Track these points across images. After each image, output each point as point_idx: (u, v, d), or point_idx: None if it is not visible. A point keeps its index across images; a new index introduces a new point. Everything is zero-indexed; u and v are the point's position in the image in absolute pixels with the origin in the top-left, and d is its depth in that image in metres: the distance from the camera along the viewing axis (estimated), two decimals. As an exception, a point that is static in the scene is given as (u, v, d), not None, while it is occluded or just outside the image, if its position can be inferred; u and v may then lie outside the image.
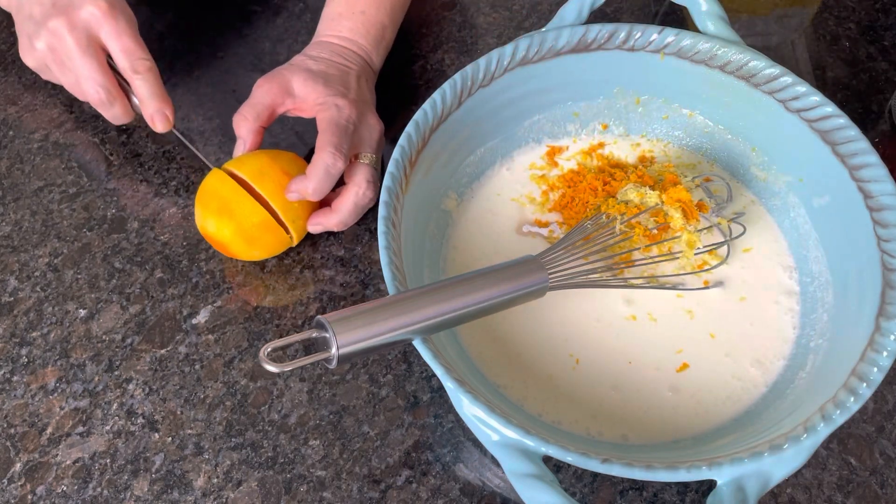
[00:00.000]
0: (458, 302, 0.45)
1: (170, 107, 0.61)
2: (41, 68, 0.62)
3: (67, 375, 0.56)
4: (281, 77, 0.59)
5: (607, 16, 0.77)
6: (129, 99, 0.61)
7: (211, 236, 0.58)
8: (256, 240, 0.57)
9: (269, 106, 0.59)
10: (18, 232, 0.63)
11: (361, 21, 0.64)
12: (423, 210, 0.56)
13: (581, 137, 0.65)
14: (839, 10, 0.78)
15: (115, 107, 0.61)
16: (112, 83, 0.60)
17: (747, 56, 0.57)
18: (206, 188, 0.58)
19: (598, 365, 0.54)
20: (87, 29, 0.58)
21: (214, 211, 0.57)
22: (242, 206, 0.56)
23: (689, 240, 0.56)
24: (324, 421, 0.55)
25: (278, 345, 0.41)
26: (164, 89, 0.61)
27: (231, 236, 0.57)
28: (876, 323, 0.48)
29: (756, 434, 0.47)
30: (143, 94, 0.60)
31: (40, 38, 0.59)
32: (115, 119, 0.62)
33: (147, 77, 0.59)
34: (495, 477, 0.53)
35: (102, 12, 0.58)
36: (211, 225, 0.57)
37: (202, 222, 0.58)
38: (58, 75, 0.61)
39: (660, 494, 0.52)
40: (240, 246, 0.58)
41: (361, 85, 0.62)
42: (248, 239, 0.57)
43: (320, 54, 0.62)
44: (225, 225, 0.56)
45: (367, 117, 0.60)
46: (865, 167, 0.52)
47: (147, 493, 0.52)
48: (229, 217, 0.56)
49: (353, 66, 0.63)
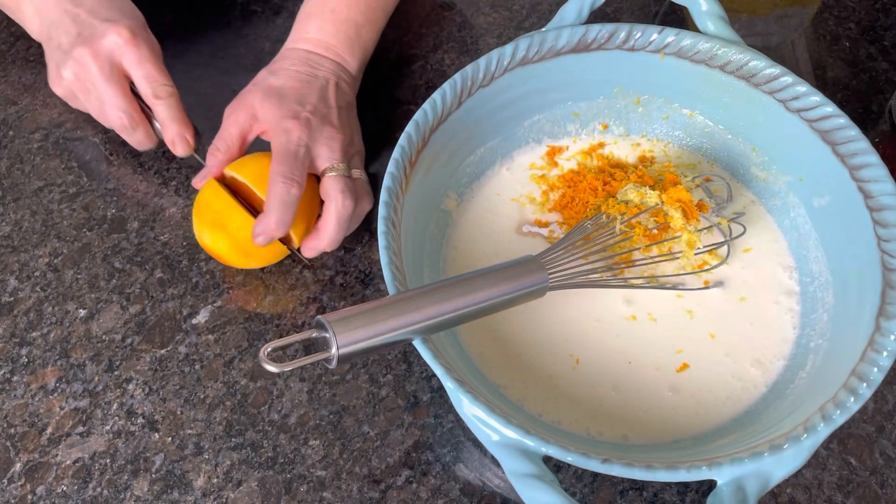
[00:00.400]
0: (458, 302, 0.45)
1: (190, 131, 0.62)
2: (69, 97, 0.64)
3: (67, 375, 0.56)
4: (245, 102, 0.59)
5: (607, 16, 0.77)
6: (152, 124, 0.62)
7: (208, 248, 0.58)
8: (252, 251, 0.57)
9: (239, 136, 0.58)
10: (18, 232, 0.63)
11: (331, 19, 0.63)
12: (423, 210, 0.56)
13: (581, 137, 0.65)
14: (839, 10, 0.78)
15: (137, 132, 0.62)
16: (134, 108, 0.61)
17: (747, 56, 0.57)
18: (202, 200, 0.58)
19: (598, 365, 0.54)
20: (111, 57, 0.59)
21: (209, 224, 0.57)
22: (235, 220, 0.56)
23: (689, 240, 0.56)
24: (324, 421, 0.55)
25: (278, 345, 0.41)
26: (185, 114, 0.62)
27: (227, 249, 0.57)
28: (876, 323, 0.48)
29: (756, 434, 0.47)
30: (165, 119, 0.61)
31: (67, 67, 0.60)
32: (139, 144, 0.63)
33: (168, 102, 0.60)
34: (495, 477, 0.53)
35: (125, 40, 0.59)
36: (207, 237, 0.57)
37: (199, 234, 0.58)
38: (84, 103, 0.63)
39: (660, 494, 0.52)
40: (236, 257, 0.58)
41: (327, 93, 0.60)
42: (244, 251, 0.57)
43: (282, 66, 0.61)
44: (220, 238, 0.56)
45: (324, 129, 0.57)
46: (865, 167, 0.52)
47: (147, 493, 0.52)
48: (223, 230, 0.56)
49: (319, 73, 0.61)
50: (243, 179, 0.57)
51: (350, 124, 0.62)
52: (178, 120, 0.61)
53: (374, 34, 0.66)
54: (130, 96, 0.61)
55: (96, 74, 0.59)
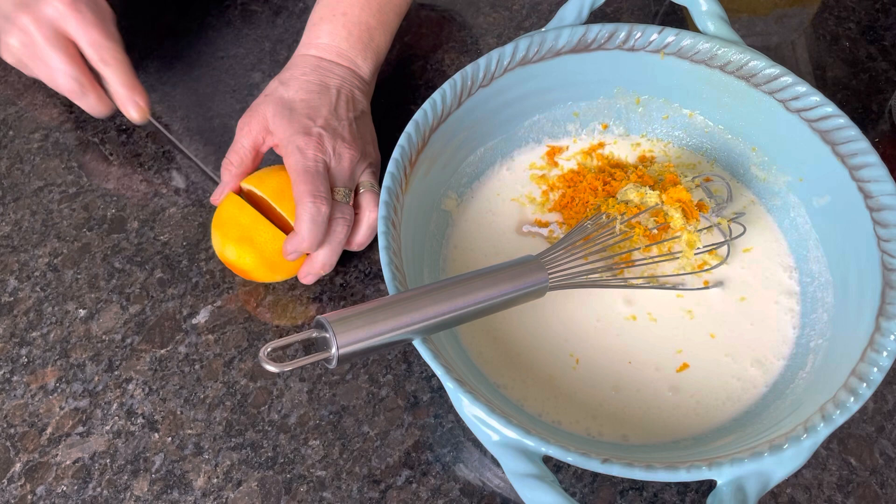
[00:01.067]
0: (458, 302, 0.45)
1: (141, 95, 0.61)
2: (19, 64, 0.63)
3: (67, 375, 0.56)
4: (258, 114, 0.58)
5: (607, 16, 0.77)
6: (106, 91, 0.62)
7: (232, 263, 0.57)
8: (279, 265, 0.56)
9: (252, 148, 0.58)
10: (18, 232, 0.63)
11: (342, 23, 0.61)
12: (423, 210, 0.56)
13: (581, 137, 0.65)
14: (839, 10, 0.78)
15: (89, 97, 0.61)
16: (84, 74, 0.60)
17: (747, 56, 0.57)
18: (224, 214, 0.57)
19: (598, 365, 0.54)
20: (52, 23, 0.59)
21: (234, 239, 0.56)
22: (263, 234, 0.55)
23: (689, 240, 0.56)
24: (324, 421, 0.55)
25: (278, 345, 0.41)
26: (135, 78, 0.61)
27: (253, 264, 0.56)
28: (876, 323, 0.48)
29: (756, 434, 0.47)
30: (113, 85, 0.61)
31: (12, 34, 0.60)
32: (94, 110, 0.63)
33: (116, 67, 0.60)
34: (495, 477, 0.53)
35: (65, 5, 0.59)
36: (231, 253, 0.56)
37: (221, 249, 0.57)
38: (34, 70, 0.62)
39: (660, 494, 0.52)
40: (262, 272, 0.57)
41: (339, 105, 0.58)
42: (271, 265, 0.56)
43: (293, 75, 0.59)
44: (246, 253, 0.55)
45: (336, 145, 0.56)
46: (865, 167, 0.52)
47: (147, 493, 0.52)
48: (250, 245, 0.55)
49: (331, 82, 0.59)
50: (263, 194, 0.56)
51: (363, 134, 0.60)
52: (127, 84, 0.60)
53: (388, 37, 0.64)
54: (78, 61, 0.60)
55: (41, 41, 0.59)
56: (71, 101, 0.63)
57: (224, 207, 0.57)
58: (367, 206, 0.58)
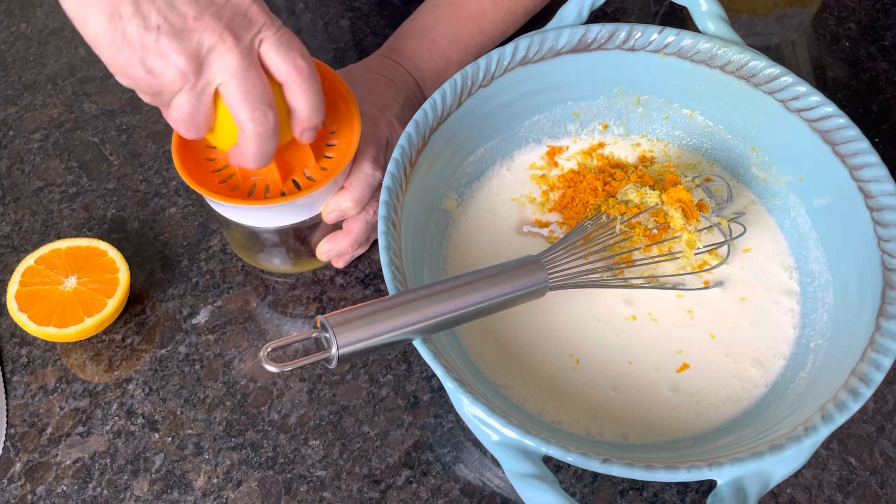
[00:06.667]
0: (458, 302, 0.45)
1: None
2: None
3: (67, 375, 0.56)
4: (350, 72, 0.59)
5: (607, 16, 0.77)
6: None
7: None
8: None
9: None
10: (18, 232, 0.63)
11: (427, 47, 0.63)
12: (423, 210, 0.56)
13: (581, 137, 0.65)
14: (839, 10, 0.78)
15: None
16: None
17: (747, 56, 0.57)
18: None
19: (598, 365, 0.54)
20: None
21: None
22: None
23: (689, 240, 0.56)
24: (324, 421, 0.55)
25: (278, 345, 0.41)
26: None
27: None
28: (876, 323, 0.48)
29: (756, 434, 0.47)
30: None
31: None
32: (261, 157, 0.48)
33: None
34: (495, 477, 0.53)
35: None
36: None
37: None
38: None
39: (660, 494, 0.52)
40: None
41: (405, 107, 0.60)
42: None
43: (368, 65, 0.61)
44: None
45: (392, 140, 0.58)
46: (865, 167, 0.52)
47: (147, 493, 0.52)
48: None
49: (401, 86, 0.60)
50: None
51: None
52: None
53: (454, 71, 0.64)
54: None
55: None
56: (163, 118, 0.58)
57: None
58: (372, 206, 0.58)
